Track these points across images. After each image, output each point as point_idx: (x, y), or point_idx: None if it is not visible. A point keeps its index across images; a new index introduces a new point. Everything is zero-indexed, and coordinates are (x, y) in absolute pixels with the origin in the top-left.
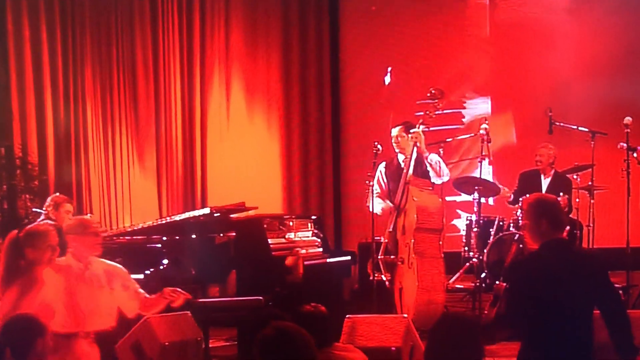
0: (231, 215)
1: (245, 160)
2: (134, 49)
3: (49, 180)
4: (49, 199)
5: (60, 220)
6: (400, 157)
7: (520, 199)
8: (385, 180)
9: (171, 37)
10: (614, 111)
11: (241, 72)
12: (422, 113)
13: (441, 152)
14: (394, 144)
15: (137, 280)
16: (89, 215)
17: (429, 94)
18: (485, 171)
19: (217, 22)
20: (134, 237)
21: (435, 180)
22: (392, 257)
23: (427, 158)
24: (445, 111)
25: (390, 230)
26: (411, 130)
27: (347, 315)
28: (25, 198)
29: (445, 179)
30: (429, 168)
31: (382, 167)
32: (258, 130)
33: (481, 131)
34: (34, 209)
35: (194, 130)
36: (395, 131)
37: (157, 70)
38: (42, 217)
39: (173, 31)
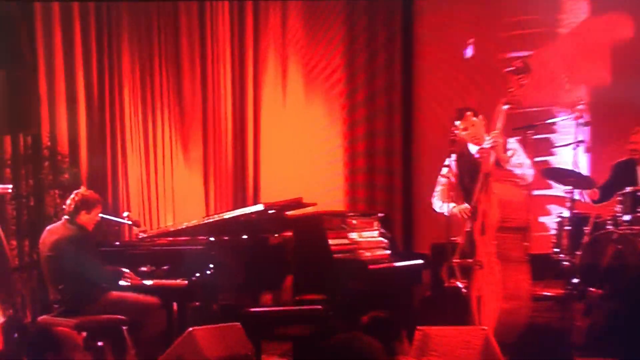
0: (287, 213)
1: (302, 151)
2: (177, 28)
3: (81, 173)
4: (76, 197)
5: (91, 225)
6: (473, 148)
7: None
8: (457, 173)
9: (220, 16)
10: None
11: (299, 55)
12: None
13: (529, 137)
14: (463, 138)
15: (181, 287)
16: (127, 213)
17: (511, 68)
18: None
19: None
20: (177, 238)
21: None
22: (469, 260)
23: (506, 166)
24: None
25: (468, 229)
26: (490, 136)
27: (418, 327)
28: (54, 194)
29: (529, 180)
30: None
31: (452, 159)
32: (317, 118)
33: (576, 113)
34: (64, 206)
35: (246, 118)
36: (460, 124)
37: (204, 52)
38: (65, 219)
39: (223, 10)
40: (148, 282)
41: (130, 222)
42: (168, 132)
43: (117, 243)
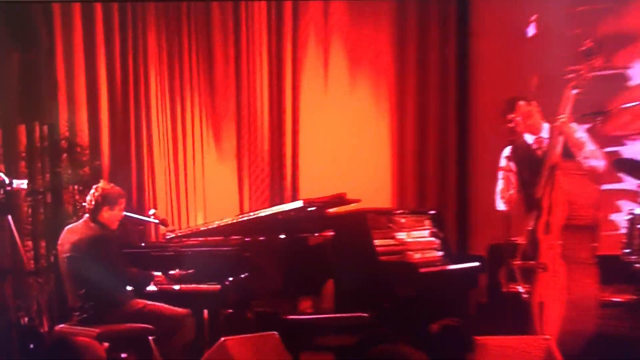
0: (328, 210)
1: (346, 142)
2: (209, 8)
3: (103, 167)
4: (96, 192)
5: (114, 223)
6: (529, 138)
7: None
8: (515, 167)
9: None
10: None
11: (342, 37)
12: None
13: (598, 125)
14: (518, 126)
15: (213, 292)
16: (153, 211)
17: (583, 49)
18: None
19: None
20: (208, 239)
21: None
22: (531, 262)
23: (580, 153)
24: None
25: (530, 228)
26: (559, 119)
27: (474, 336)
28: (73, 189)
29: (599, 173)
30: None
31: (507, 152)
32: (363, 106)
33: None
34: (84, 203)
35: (284, 106)
36: (514, 115)
37: (238, 34)
38: (86, 217)
39: None
40: (176, 287)
41: (156, 221)
42: (198, 121)
43: (142, 244)
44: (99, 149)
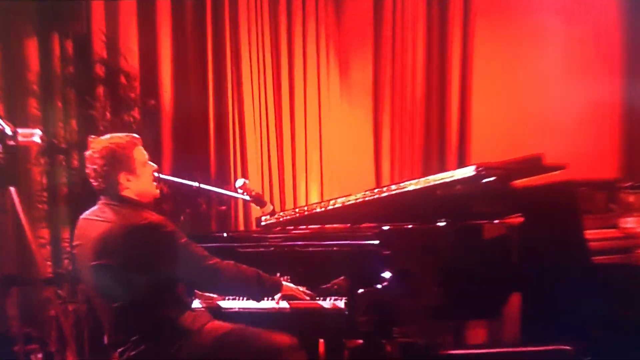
0: (515, 183)
1: (544, 76)
2: None
3: (162, 109)
4: (97, 155)
5: (149, 189)
6: None
7: None
8: None
9: None
10: None
11: None
12: None
13: None
14: None
15: (335, 311)
16: (242, 181)
17: None
18: None
19: None
20: (326, 227)
21: None
22: None
23: None
24: None
25: None
26: None
27: None
28: None
29: None
30: None
31: None
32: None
33: None
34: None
35: (449, 19)
36: None
37: None
38: (102, 201)
39: None
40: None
41: (247, 198)
42: (314, 43)
43: (225, 234)
44: (156, 81)
